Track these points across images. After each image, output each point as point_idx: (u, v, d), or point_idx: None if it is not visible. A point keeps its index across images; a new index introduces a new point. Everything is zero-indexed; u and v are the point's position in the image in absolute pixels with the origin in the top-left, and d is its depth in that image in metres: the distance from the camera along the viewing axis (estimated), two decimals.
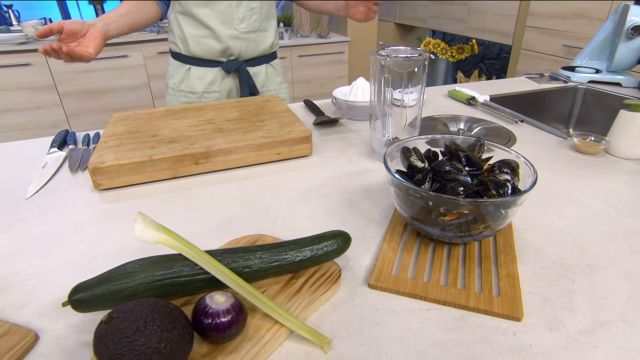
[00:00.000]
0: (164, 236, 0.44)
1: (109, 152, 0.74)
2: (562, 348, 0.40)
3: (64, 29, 0.85)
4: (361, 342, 0.41)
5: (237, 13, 1.05)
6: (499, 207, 0.47)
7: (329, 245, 0.48)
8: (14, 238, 0.60)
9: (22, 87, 2.41)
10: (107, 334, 0.33)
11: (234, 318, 0.38)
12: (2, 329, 0.43)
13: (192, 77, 1.13)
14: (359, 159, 0.81)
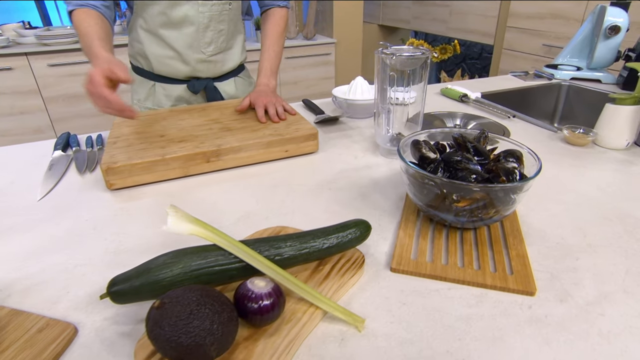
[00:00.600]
0: (198, 228, 0.46)
1: (119, 152, 0.75)
2: (574, 317, 0.44)
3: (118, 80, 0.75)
4: (391, 320, 0.44)
5: (205, 37, 1.01)
6: (508, 192, 0.51)
7: (352, 232, 0.51)
8: (35, 238, 0.61)
9: (4, 92, 2.35)
10: (162, 317, 0.35)
11: (275, 301, 0.40)
12: (40, 324, 0.44)
13: (157, 94, 1.09)
14: (364, 154, 0.85)
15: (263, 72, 1.06)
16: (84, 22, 0.85)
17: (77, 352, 0.42)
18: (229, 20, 1.03)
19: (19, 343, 0.42)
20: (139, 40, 1.02)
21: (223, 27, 1.03)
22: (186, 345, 0.34)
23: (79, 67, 2.45)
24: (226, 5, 0.99)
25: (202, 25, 0.99)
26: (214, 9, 0.98)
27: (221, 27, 1.02)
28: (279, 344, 0.40)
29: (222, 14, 1.00)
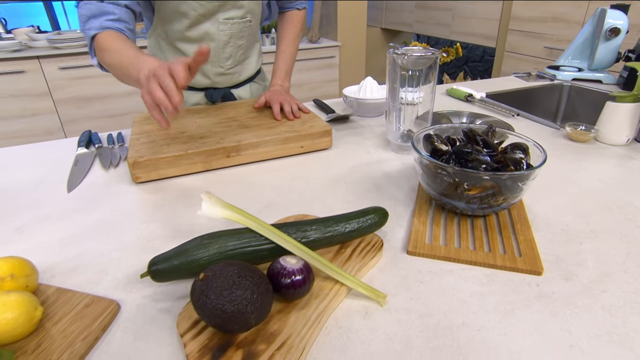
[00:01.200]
0: (231, 212, 0.49)
1: (144, 147, 0.79)
2: (579, 294, 0.48)
3: None
4: (410, 297, 0.48)
5: (224, 52, 1.03)
6: (516, 180, 0.55)
7: (371, 218, 0.55)
8: (69, 226, 0.64)
9: (16, 94, 2.40)
10: (207, 288, 0.39)
11: (306, 276, 0.44)
12: (86, 300, 0.48)
13: None
14: (376, 150, 0.88)
15: (278, 74, 1.10)
16: (115, 42, 0.78)
17: (123, 325, 0.46)
18: (248, 35, 1.05)
19: (69, 316, 0.46)
20: (159, 48, 1.04)
21: (242, 43, 1.05)
22: (230, 312, 0.38)
23: (89, 70, 2.50)
24: (247, 23, 1.01)
25: (222, 42, 1.01)
26: (234, 27, 0.99)
27: (240, 42, 1.04)
28: (310, 315, 0.43)
29: (242, 30, 1.02)
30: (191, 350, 0.40)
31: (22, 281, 0.46)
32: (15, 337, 0.41)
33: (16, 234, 0.63)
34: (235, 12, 0.97)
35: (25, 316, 0.41)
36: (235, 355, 0.39)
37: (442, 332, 0.43)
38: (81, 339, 0.43)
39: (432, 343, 0.42)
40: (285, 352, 0.39)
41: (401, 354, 0.41)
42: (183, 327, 0.43)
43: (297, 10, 1.16)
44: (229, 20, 0.98)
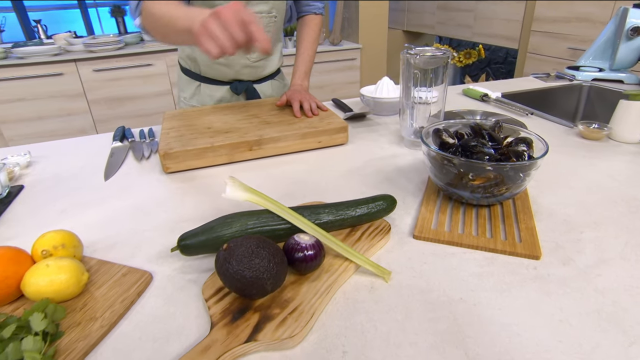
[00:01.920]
0: (252, 195, 0.55)
1: (173, 141, 0.86)
2: (574, 276, 0.51)
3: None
4: (414, 275, 0.52)
5: None
6: (517, 171, 0.58)
7: (380, 204, 0.59)
8: (107, 210, 0.71)
9: (54, 95, 2.55)
10: (230, 256, 0.44)
11: (317, 251, 0.49)
12: (123, 270, 0.54)
13: (202, 94, 1.18)
14: (390, 146, 0.93)
15: (297, 74, 1.16)
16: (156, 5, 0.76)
17: (155, 292, 0.52)
18: (273, 31, 1.12)
19: (109, 283, 0.52)
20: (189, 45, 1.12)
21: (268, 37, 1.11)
22: (249, 277, 0.43)
23: (120, 72, 2.63)
24: (272, 18, 1.07)
25: None
26: (261, 21, 1.06)
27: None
28: (320, 287, 0.48)
29: (268, 25, 1.08)
30: (214, 312, 0.45)
31: (71, 250, 0.53)
32: (67, 296, 0.48)
33: (61, 216, 0.70)
34: (263, 7, 1.04)
35: (75, 279, 0.48)
36: (253, 317, 0.44)
37: (440, 306, 0.47)
38: (120, 302, 0.49)
39: (431, 314, 0.46)
40: (296, 316, 0.44)
41: (401, 322, 0.45)
42: (208, 294, 0.48)
43: (315, 14, 1.21)
44: (257, 14, 1.04)
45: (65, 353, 0.42)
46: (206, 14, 0.61)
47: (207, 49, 0.60)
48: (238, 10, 0.58)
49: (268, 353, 0.42)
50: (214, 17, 0.59)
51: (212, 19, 0.59)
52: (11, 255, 0.49)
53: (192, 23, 0.63)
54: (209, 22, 0.59)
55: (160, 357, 0.42)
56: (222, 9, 0.58)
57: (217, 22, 0.58)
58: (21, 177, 0.87)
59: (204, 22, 0.59)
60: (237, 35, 0.58)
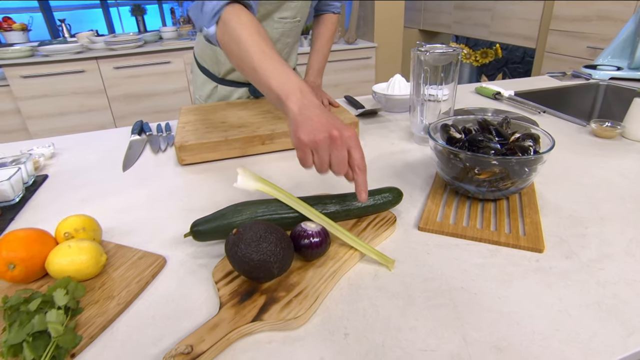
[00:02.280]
0: (262, 185, 0.57)
1: (189, 134, 0.89)
2: (575, 269, 0.51)
3: None
4: (417, 264, 0.53)
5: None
6: (523, 165, 0.59)
7: (386, 196, 0.61)
8: (125, 198, 0.75)
9: (77, 92, 2.63)
10: (239, 240, 0.46)
11: (323, 239, 0.51)
12: (139, 254, 0.57)
13: (218, 95, 1.19)
14: (400, 142, 0.94)
15: (311, 72, 1.18)
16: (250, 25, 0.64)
17: (168, 275, 0.54)
18: (295, 35, 1.13)
19: (126, 265, 0.55)
20: (212, 47, 1.12)
21: (289, 41, 1.12)
22: (256, 260, 0.45)
23: (139, 69, 2.69)
24: (296, 22, 1.08)
25: (274, 40, 1.07)
26: (286, 26, 1.06)
27: (288, 40, 1.11)
28: (325, 273, 0.50)
29: (292, 29, 1.09)
30: (223, 294, 0.47)
31: (91, 234, 0.56)
32: (86, 275, 0.51)
33: (81, 203, 0.74)
34: (289, 13, 1.04)
35: (94, 260, 0.51)
36: (260, 299, 0.46)
37: (441, 294, 0.48)
38: (135, 282, 0.52)
39: (431, 302, 0.47)
40: (301, 299, 0.46)
41: (402, 308, 0.47)
42: (218, 277, 0.50)
43: (332, 13, 1.23)
44: (282, 20, 1.05)
45: (85, 327, 0.45)
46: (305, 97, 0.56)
47: (303, 160, 0.55)
48: (353, 146, 0.53)
49: (273, 333, 0.44)
50: (330, 139, 0.52)
51: (326, 140, 0.52)
52: (36, 237, 0.53)
53: (286, 96, 0.57)
54: (319, 141, 0.52)
55: (171, 333, 0.44)
56: (338, 137, 0.52)
57: (327, 145, 0.52)
58: (45, 167, 0.91)
59: (317, 136, 0.52)
60: (339, 171, 0.54)
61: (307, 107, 0.55)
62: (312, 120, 0.53)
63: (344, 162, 0.53)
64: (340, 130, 0.52)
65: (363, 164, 0.53)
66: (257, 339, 0.43)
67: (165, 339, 0.44)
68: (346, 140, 0.52)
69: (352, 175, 0.54)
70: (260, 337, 0.44)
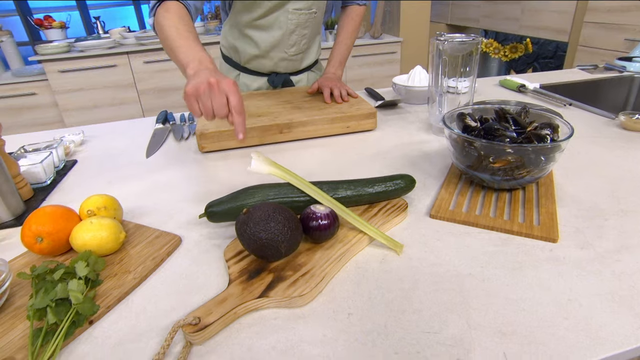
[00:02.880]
0: (275, 169, 0.58)
1: (210, 123, 0.91)
2: (590, 260, 0.50)
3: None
4: (425, 250, 0.53)
5: (290, 40, 1.10)
6: (539, 154, 0.57)
7: (398, 183, 0.61)
8: (146, 182, 0.78)
9: (108, 86, 2.73)
10: (248, 219, 0.48)
11: (331, 221, 0.51)
12: (156, 233, 0.60)
13: (240, 83, 1.21)
14: (418, 133, 0.93)
15: (332, 62, 1.18)
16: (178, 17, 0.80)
17: (183, 253, 0.56)
18: (312, 26, 1.13)
19: (143, 243, 0.57)
20: (232, 36, 1.15)
21: (306, 32, 1.13)
22: (264, 239, 0.46)
23: (168, 63, 2.77)
24: (312, 14, 1.09)
25: (289, 30, 1.09)
26: (301, 17, 1.08)
27: (305, 32, 1.12)
28: (332, 255, 0.51)
29: (307, 21, 1.10)
30: (233, 271, 0.49)
31: (112, 212, 0.59)
32: (107, 250, 0.53)
33: (107, 186, 0.78)
34: (303, 4, 1.05)
35: (114, 236, 0.54)
36: (267, 277, 0.47)
37: (448, 279, 0.48)
38: (151, 259, 0.54)
39: (437, 286, 0.47)
40: (307, 278, 0.47)
41: (407, 291, 0.47)
42: (228, 255, 0.52)
43: (358, 5, 1.23)
44: (297, 11, 1.06)
45: (103, 297, 0.48)
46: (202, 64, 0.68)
47: (190, 108, 0.66)
48: (231, 92, 0.64)
49: (279, 310, 0.45)
50: (208, 86, 0.63)
51: (205, 86, 0.63)
52: (62, 213, 0.56)
53: (187, 64, 0.70)
54: (201, 88, 0.63)
55: (182, 306, 0.46)
56: (214, 84, 0.63)
57: (207, 92, 0.64)
58: (75, 153, 0.96)
59: (197, 86, 0.63)
60: (220, 114, 0.65)
61: (201, 71, 0.67)
62: (199, 76, 0.65)
63: (224, 106, 0.64)
64: (217, 78, 0.63)
65: (239, 107, 0.65)
66: (263, 314, 0.45)
67: (176, 311, 0.46)
68: (223, 88, 0.64)
69: (231, 119, 0.66)
70: (266, 313, 0.45)
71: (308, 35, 1.15)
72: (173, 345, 0.41)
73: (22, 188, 0.73)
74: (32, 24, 3.07)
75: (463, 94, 0.89)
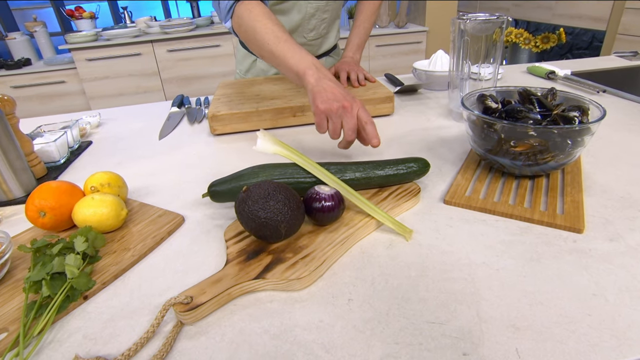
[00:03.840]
0: (281, 148, 0.56)
1: (222, 105, 0.90)
2: (621, 253, 0.46)
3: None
4: (437, 237, 0.50)
5: (309, 24, 1.08)
6: (565, 137, 0.53)
7: (411, 166, 0.57)
8: (156, 163, 0.77)
9: (133, 74, 2.78)
10: (247, 197, 0.46)
11: (336, 203, 0.49)
12: (159, 212, 0.58)
13: (257, 68, 1.19)
14: (437, 118, 0.89)
15: (350, 46, 1.14)
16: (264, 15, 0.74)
17: (184, 232, 0.55)
18: (332, 10, 1.11)
19: (146, 221, 0.56)
20: None
21: (326, 17, 1.10)
22: (263, 218, 0.44)
23: (191, 52, 2.78)
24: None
25: (308, 15, 1.07)
26: (321, 2, 1.05)
27: (324, 16, 1.10)
28: (336, 238, 0.48)
29: (327, 4, 1.07)
30: (231, 252, 0.47)
31: (115, 189, 0.58)
32: (107, 227, 0.52)
33: (116, 166, 0.77)
34: None
35: (114, 212, 0.53)
36: (266, 258, 0.45)
37: (459, 268, 0.45)
38: (152, 237, 0.53)
39: (447, 275, 0.44)
40: (307, 261, 0.44)
41: (414, 279, 0.44)
42: (228, 235, 0.50)
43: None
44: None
45: (100, 274, 0.47)
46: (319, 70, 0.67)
47: (319, 125, 0.65)
48: (365, 112, 0.63)
49: (276, 293, 0.43)
50: (342, 109, 0.62)
51: (339, 109, 0.62)
52: (66, 189, 0.55)
53: (304, 72, 0.68)
54: (334, 110, 0.62)
55: (177, 285, 0.45)
56: (349, 107, 0.62)
57: (340, 114, 0.62)
58: (91, 135, 0.96)
59: (331, 106, 0.62)
60: (349, 136, 0.63)
61: (322, 80, 0.66)
62: (327, 91, 0.64)
63: (355, 128, 0.63)
64: (351, 101, 0.63)
65: (370, 119, 0.63)
66: (258, 297, 0.43)
67: (171, 290, 0.44)
68: (356, 109, 0.63)
69: (363, 133, 0.63)
70: (262, 296, 0.43)
71: (328, 19, 1.12)
72: (164, 324, 0.40)
73: (35, 166, 0.73)
74: (64, 15, 3.15)
75: (486, 80, 0.84)
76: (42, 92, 2.79)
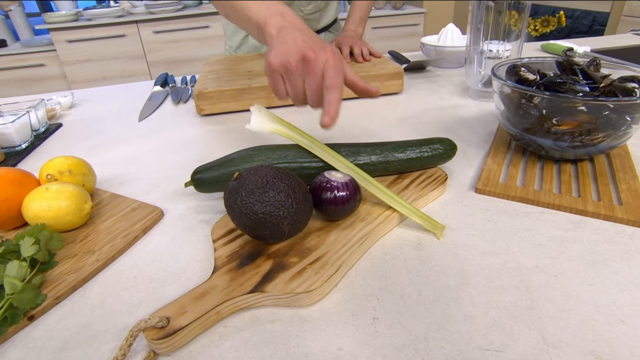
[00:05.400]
0: (281, 127, 0.46)
1: (210, 82, 0.79)
2: None
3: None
4: (473, 233, 0.41)
5: None
6: (623, 112, 0.44)
7: (436, 147, 0.48)
8: (134, 147, 0.67)
9: (117, 57, 2.62)
10: (239, 186, 0.36)
11: (351, 193, 0.39)
12: (133, 205, 0.48)
13: (249, 44, 1.10)
14: (451, 96, 0.79)
15: (352, 19, 1.04)
16: None
17: (162, 230, 0.45)
18: None
19: (116, 217, 0.46)
20: None
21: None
22: (260, 213, 0.34)
23: (178, 34, 2.64)
24: None
25: None
26: None
27: None
28: (352, 236, 0.39)
29: None
30: (220, 255, 0.37)
31: (79, 178, 0.48)
32: (67, 224, 0.42)
33: (88, 151, 0.67)
34: None
35: (76, 206, 0.42)
36: (265, 264, 0.36)
37: (508, 273, 0.36)
38: (122, 236, 0.43)
39: (495, 282, 0.35)
40: (318, 267, 0.35)
41: (454, 289, 0.34)
42: (217, 234, 0.41)
43: None
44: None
45: (53, 285, 0.37)
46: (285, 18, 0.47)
47: (273, 88, 0.46)
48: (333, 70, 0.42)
49: (278, 309, 0.34)
50: (302, 61, 0.43)
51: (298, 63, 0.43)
52: (13, 177, 0.45)
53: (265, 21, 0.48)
54: (292, 65, 0.43)
55: (152, 300, 0.35)
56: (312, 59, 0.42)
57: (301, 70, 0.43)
58: (62, 117, 0.85)
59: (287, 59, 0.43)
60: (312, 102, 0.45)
61: (287, 29, 0.46)
62: (287, 42, 0.44)
63: (319, 91, 0.43)
64: (316, 50, 0.42)
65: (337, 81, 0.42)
66: (256, 315, 0.33)
67: (144, 306, 0.35)
68: (322, 63, 0.42)
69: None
70: (260, 314, 0.33)
71: None
72: (132, 354, 0.30)
73: None
74: None
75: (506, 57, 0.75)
76: (19, 75, 2.62)
